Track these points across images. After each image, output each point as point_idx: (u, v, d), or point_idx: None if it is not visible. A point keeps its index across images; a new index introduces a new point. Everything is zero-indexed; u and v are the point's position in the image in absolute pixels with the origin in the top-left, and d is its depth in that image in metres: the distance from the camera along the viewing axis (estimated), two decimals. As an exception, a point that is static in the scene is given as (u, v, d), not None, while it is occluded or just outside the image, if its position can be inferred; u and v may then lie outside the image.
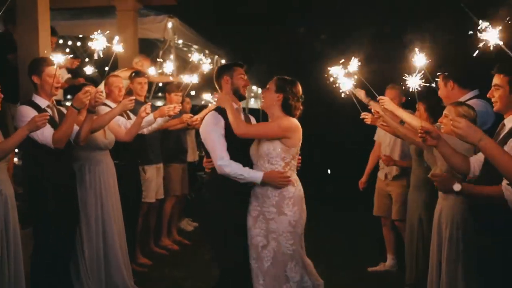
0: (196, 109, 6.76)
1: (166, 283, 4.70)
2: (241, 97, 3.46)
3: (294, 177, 3.27)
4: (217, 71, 3.52)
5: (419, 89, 2.76)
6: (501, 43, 2.19)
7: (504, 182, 2.41)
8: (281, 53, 11.93)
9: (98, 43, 4.56)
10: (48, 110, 3.75)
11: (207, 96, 6.37)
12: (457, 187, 2.42)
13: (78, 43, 8.42)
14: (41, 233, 3.74)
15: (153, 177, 5.45)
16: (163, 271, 5.08)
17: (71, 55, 4.95)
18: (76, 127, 3.84)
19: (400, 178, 4.85)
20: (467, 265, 3.11)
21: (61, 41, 6.96)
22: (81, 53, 8.12)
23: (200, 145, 7.55)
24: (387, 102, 3.78)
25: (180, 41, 8.47)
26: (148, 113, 4.48)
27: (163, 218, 5.88)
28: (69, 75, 5.80)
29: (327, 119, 10.76)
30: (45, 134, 3.57)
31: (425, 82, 2.72)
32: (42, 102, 3.74)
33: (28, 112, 3.57)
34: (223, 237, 3.29)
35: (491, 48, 2.21)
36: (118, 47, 4.46)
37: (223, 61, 10.62)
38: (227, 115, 3.23)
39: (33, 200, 3.78)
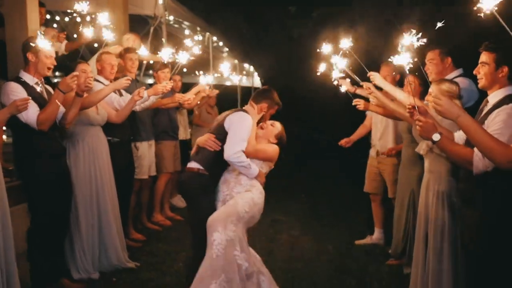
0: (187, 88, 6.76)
1: (160, 257, 4.79)
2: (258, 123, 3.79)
3: None
4: (266, 93, 3.73)
5: (409, 66, 2.76)
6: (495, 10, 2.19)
7: (476, 148, 2.48)
8: (272, 32, 11.86)
9: (88, 31, 4.61)
10: (36, 87, 3.75)
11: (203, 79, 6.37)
12: (436, 136, 2.47)
13: (66, 19, 8.33)
14: (36, 208, 3.78)
15: (145, 154, 5.50)
16: (157, 245, 5.17)
17: (57, 31, 4.92)
18: (62, 108, 3.85)
19: (391, 156, 4.91)
20: (452, 238, 3.20)
21: (48, 16, 6.87)
22: (70, 29, 8.05)
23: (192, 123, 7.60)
24: (377, 77, 3.83)
25: (171, 18, 8.42)
26: (141, 97, 4.52)
27: (156, 195, 5.95)
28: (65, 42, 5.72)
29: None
30: (30, 114, 3.57)
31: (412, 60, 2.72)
32: (30, 79, 3.72)
33: (16, 89, 3.56)
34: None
35: (483, 15, 2.22)
36: (108, 34, 4.50)
37: (214, 38, 10.57)
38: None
39: (25, 176, 3.81)
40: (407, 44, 2.62)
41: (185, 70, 9.79)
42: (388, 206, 5.02)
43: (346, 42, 3.71)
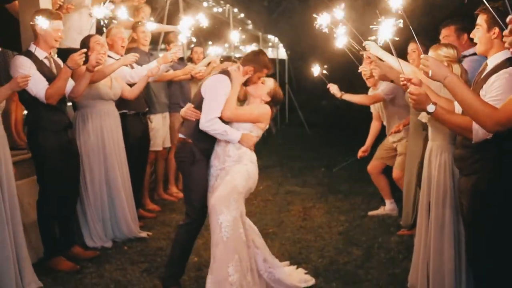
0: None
1: (172, 227, 4.89)
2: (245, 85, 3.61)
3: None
4: (251, 56, 3.55)
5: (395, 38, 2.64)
6: None
7: None
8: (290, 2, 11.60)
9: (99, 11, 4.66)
10: (46, 61, 3.83)
11: (212, 50, 6.31)
12: (431, 108, 2.39)
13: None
14: (43, 179, 3.89)
15: (159, 126, 5.58)
16: (170, 216, 5.28)
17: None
18: (71, 82, 3.91)
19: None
20: (454, 207, 3.13)
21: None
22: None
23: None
24: (373, 47, 3.72)
25: (189, -11, 8.38)
26: (153, 74, 4.57)
27: (170, 167, 6.04)
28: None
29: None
30: (39, 88, 3.66)
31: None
32: (41, 53, 3.80)
33: (24, 63, 3.64)
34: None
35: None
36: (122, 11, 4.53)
37: (235, 10, 10.47)
38: (233, 90, 3.39)
39: (33, 148, 3.91)
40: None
41: (210, 42, 9.74)
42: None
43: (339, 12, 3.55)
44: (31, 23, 3.70)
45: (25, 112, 5.27)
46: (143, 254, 4.22)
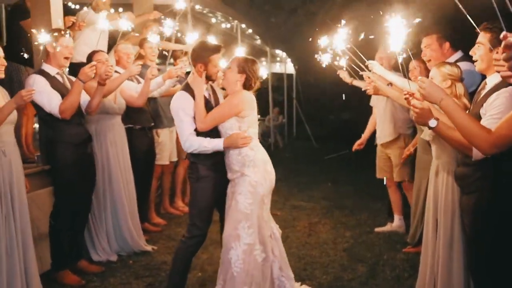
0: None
1: (177, 241, 4.82)
2: (213, 81, 3.51)
3: (254, 143, 3.33)
4: (193, 54, 3.44)
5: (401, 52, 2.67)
6: None
7: None
8: (299, 18, 11.72)
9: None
10: (58, 77, 3.92)
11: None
12: (432, 122, 2.41)
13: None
14: (59, 192, 3.96)
15: (166, 140, 5.63)
16: (176, 230, 5.30)
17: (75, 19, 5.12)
18: (87, 97, 3.99)
19: (396, 140, 4.89)
20: (462, 225, 3.09)
21: (78, 6, 7.04)
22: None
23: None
24: (376, 66, 3.75)
25: (198, 6, 8.48)
26: (154, 75, 4.60)
27: (176, 181, 6.08)
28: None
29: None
30: (53, 104, 3.74)
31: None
32: (51, 70, 3.89)
33: (39, 81, 3.72)
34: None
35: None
36: (125, 23, 4.62)
37: (243, 26, 10.57)
38: (196, 99, 3.28)
39: (50, 161, 3.99)
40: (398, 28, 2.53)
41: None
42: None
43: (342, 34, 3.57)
44: (35, 43, 3.80)
45: (36, 125, 5.37)
46: (148, 268, 4.24)
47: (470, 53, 2.66)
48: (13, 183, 3.32)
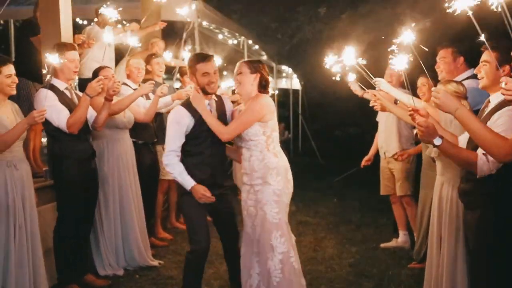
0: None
1: (183, 255, 4.87)
2: (208, 93, 3.42)
3: (277, 149, 3.39)
4: (186, 67, 3.48)
5: (406, 68, 2.72)
6: (469, 12, 2.17)
7: (480, 151, 2.45)
8: (305, 34, 11.85)
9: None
10: (66, 92, 3.99)
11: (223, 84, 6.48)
12: (437, 141, 2.44)
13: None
14: (63, 207, 3.99)
15: (172, 156, 5.67)
16: (182, 244, 5.30)
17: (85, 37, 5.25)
18: (94, 112, 4.05)
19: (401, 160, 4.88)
20: (466, 241, 3.10)
21: (85, 22, 7.17)
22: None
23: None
24: (383, 83, 3.79)
25: (205, 23, 8.61)
26: (164, 94, 4.67)
27: (183, 195, 6.09)
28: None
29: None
30: (61, 118, 3.79)
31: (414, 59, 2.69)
32: (61, 85, 3.96)
33: (49, 95, 3.76)
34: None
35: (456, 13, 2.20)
36: (133, 40, 4.72)
37: (250, 42, 10.70)
38: (204, 113, 3.29)
39: (55, 176, 4.04)
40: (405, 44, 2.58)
41: (225, 73, 9.94)
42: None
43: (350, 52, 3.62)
44: (45, 59, 3.87)
45: (44, 140, 5.44)
46: (154, 282, 4.25)
47: (475, 71, 2.71)
48: (24, 196, 3.40)
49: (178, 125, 3.34)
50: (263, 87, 3.40)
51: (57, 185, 4.05)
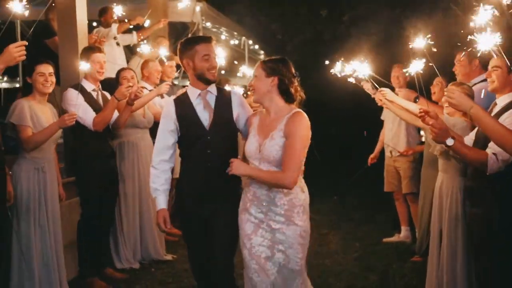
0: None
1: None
2: (208, 82, 2.90)
3: (303, 182, 2.88)
4: (178, 51, 2.93)
5: (421, 72, 2.89)
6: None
7: (490, 151, 2.62)
8: (308, 36, 12.01)
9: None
10: (93, 93, 4.21)
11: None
12: (450, 141, 2.55)
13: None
14: (86, 203, 4.20)
15: (181, 154, 5.86)
16: (192, 240, 5.50)
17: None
18: (116, 113, 4.25)
19: (407, 156, 5.13)
20: (466, 237, 3.32)
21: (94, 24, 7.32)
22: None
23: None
24: (389, 93, 3.99)
25: (208, 24, 8.79)
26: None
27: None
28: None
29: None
30: (87, 116, 4.01)
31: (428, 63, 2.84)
32: (89, 86, 4.18)
33: (73, 95, 3.97)
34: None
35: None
36: (145, 47, 4.91)
37: (250, 42, 10.88)
38: (254, 174, 2.74)
39: (77, 173, 4.25)
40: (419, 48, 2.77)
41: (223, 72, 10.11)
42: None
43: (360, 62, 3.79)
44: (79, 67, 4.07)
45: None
46: (171, 275, 4.46)
47: (486, 76, 2.90)
48: (47, 196, 3.62)
49: (165, 120, 3.03)
50: (284, 93, 2.73)
51: (78, 181, 4.25)
